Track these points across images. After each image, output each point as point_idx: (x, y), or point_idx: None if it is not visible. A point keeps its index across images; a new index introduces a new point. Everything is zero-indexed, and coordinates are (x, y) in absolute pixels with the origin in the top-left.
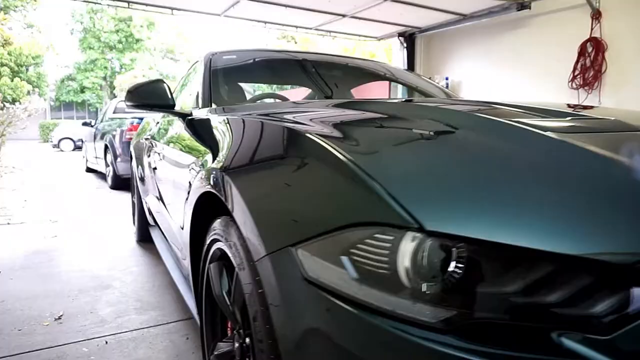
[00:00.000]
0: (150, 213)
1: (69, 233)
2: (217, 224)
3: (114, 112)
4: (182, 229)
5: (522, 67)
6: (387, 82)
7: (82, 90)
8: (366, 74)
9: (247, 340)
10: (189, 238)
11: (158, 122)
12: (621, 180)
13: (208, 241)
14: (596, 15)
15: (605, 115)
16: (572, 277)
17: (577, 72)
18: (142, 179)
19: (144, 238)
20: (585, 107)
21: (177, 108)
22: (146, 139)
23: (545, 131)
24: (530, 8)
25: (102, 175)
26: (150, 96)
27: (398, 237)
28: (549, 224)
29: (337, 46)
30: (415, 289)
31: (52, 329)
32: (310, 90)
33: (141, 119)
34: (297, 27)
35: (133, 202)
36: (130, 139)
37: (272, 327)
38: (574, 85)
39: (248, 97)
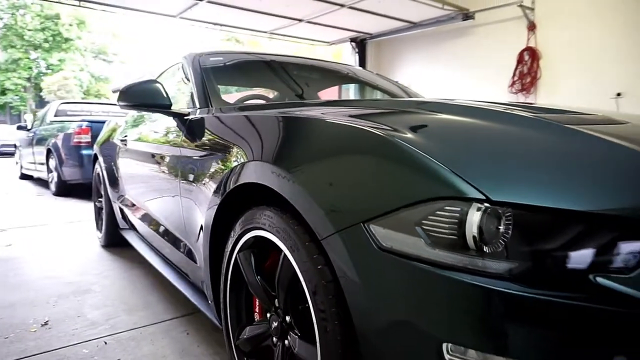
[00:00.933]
0: (124, 216)
1: (25, 241)
2: (252, 213)
3: (55, 115)
4: (196, 224)
5: (467, 73)
6: (357, 84)
7: (3, 92)
8: (342, 76)
9: (288, 318)
10: (210, 233)
11: (137, 123)
12: (632, 160)
13: (239, 231)
14: (531, 26)
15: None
16: (598, 232)
17: (515, 78)
18: (114, 182)
19: (111, 243)
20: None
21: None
22: (122, 140)
23: (557, 123)
24: (474, 18)
25: (40, 182)
26: (146, 96)
27: (465, 208)
28: (579, 191)
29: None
30: (481, 249)
31: (42, 334)
32: (290, 90)
33: (91, 121)
34: (253, 30)
35: (96, 207)
36: (79, 142)
37: (339, 296)
38: (514, 90)
39: (235, 97)
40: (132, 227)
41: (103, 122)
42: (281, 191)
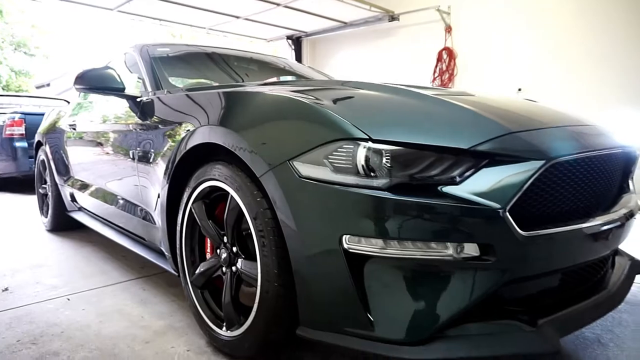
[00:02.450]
0: (73, 198)
1: None
2: (204, 169)
3: None
4: (153, 189)
5: (393, 69)
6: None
7: None
8: (279, 68)
9: (234, 249)
10: (167, 194)
11: (86, 109)
12: (472, 112)
13: (193, 185)
14: (448, 29)
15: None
16: (442, 159)
17: (436, 75)
18: (63, 166)
19: (58, 227)
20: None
21: None
22: (70, 125)
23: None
24: (399, 20)
25: None
26: (101, 80)
27: (355, 145)
28: (432, 133)
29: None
30: (367, 174)
31: (5, 297)
32: (231, 80)
33: (25, 113)
34: (192, 26)
35: (40, 193)
36: (11, 135)
37: (273, 218)
38: (434, 86)
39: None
40: (80, 208)
41: (38, 114)
42: (227, 145)
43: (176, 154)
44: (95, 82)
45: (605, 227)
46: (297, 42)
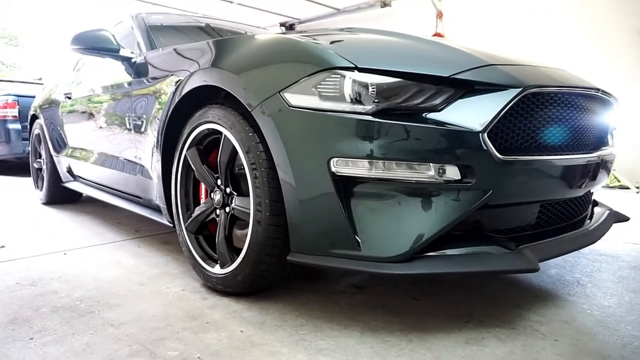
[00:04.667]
0: (69, 168)
1: None
2: (198, 114)
3: None
4: (150, 145)
5: None
6: None
7: None
8: None
9: (228, 190)
10: (162, 144)
11: (80, 79)
12: (455, 49)
13: (188, 130)
14: (439, 15)
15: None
16: (425, 87)
17: None
18: (59, 137)
19: (53, 199)
20: None
21: None
22: (65, 95)
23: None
24: (391, 6)
25: None
26: (96, 41)
27: (343, 74)
28: (420, 63)
29: None
30: (354, 100)
31: (2, 252)
32: None
33: (18, 95)
34: (185, 11)
35: (34, 168)
36: (4, 117)
37: (265, 151)
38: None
39: None
40: (76, 178)
41: (32, 97)
42: (220, 84)
43: (170, 104)
44: (91, 43)
45: (581, 164)
46: (290, 29)
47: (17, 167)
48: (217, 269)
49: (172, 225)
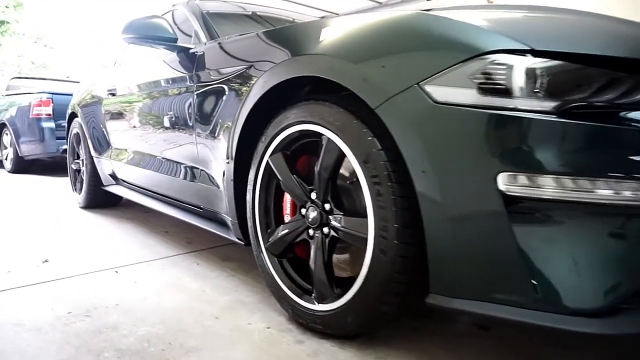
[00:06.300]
0: (112, 171)
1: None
2: (287, 113)
3: (6, 90)
4: (213, 149)
5: None
6: None
7: None
8: None
9: (327, 206)
10: (236, 149)
11: (127, 73)
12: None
13: (272, 133)
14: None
15: None
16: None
17: None
18: (101, 137)
19: (92, 203)
20: None
21: None
22: (109, 91)
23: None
24: None
25: None
26: (151, 29)
27: (515, 59)
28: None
29: None
30: (531, 93)
31: (46, 268)
32: None
33: (53, 93)
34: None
35: (72, 169)
36: (39, 115)
37: (391, 161)
38: None
39: None
40: (119, 181)
41: (66, 94)
42: (330, 76)
43: (246, 102)
44: (145, 31)
45: None
46: None
47: (51, 166)
48: (315, 305)
49: (243, 243)
